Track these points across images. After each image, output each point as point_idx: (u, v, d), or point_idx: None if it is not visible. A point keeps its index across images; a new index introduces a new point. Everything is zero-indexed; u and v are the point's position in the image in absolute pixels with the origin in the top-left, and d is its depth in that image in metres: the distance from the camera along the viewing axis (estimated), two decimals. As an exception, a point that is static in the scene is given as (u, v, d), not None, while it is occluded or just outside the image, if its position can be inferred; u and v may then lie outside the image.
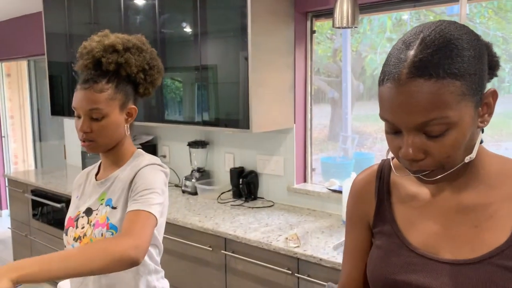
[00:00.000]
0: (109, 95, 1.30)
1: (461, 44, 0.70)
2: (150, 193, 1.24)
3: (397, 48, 0.74)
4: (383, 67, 0.76)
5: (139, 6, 2.98)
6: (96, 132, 1.29)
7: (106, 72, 1.32)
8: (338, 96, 3.44)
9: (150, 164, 1.32)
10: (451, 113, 0.70)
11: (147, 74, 1.38)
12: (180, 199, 2.96)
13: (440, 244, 0.81)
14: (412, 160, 0.74)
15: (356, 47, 3.47)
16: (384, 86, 0.74)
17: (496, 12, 2.65)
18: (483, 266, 0.76)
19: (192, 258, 2.47)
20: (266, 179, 2.86)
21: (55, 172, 4.11)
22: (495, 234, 0.77)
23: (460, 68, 0.69)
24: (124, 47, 1.34)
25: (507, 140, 2.63)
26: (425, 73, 0.69)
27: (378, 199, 0.92)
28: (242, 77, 2.44)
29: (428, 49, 0.70)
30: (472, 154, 0.76)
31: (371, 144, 3.63)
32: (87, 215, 1.34)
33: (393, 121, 0.74)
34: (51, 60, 3.72)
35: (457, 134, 0.71)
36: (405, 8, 2.39)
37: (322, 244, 2.07)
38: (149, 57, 1.39)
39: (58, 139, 4.96)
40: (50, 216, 3.59)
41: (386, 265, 0.85)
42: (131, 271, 1.31)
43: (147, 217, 1.19)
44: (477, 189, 0.81)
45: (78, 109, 1.30)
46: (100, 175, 1.42)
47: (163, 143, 3.49)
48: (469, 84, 0.70)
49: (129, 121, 1.37)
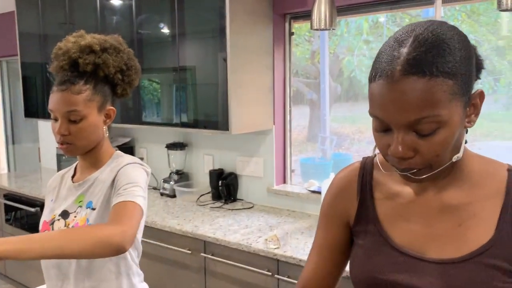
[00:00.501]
0: (87, 97, 1.27)
1: (453, 44, 0.71)
2: (133, 186, 1.22)
3: (389, 46, 0.73)
4: (374, 64, 0.75)
5: (115, 6, 2.94)
6: (74, 134, 1.26)
7: (83, 73, 1.30)
8: (316, 98, 3.46)
9: (132, 163, 1.31)
10: (442, 111, 0.70)
11: (125, 75, 1.37)
12: (158, 202, 2.92)
13: (425, 243, 0.81)
14: (401, 158, 0.74)
15: (333, 49, 3.51)
16: (376, 83, 0.73)
17: (469, 16, 2.72)
18: (468, 264, 0.76)
19: (171, 262, 2.44)
20: (246, 180, 2.86)
21: (29, 176, 4.01)
22: (479, 233, 0.78)
23: (453, 67, 0.70)
24: (101, 48, 1.32)
25: (480, 140, 2.70)
26: (419, 71, 0.69)
27: (361, 197, 0.91)
28: (221, 78, 2.43)
29: (421, 47, 0.70)
30: (459, 154, 0.77)
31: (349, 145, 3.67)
32: (63, 218, 1.31)
33: (384, 118, 0.73)
34: (24, 61, 3.63)
35: (447, 133, 0.72)
36: (382, 10, 2.42)
37: (302, 245, 2.08)
38: (126, 58, 1.38)
39: (32, 142, 4.85)
40: (24, 220, 3.50)
41: (370, 265, 0.85)
42: (115, 272, 1.29)
43: (133, 207, 1.17)
44: (460, 188, 0.82)
45: (55, 112, 1.27)
46: (77, 177, 1.38)
47: (140, 145, 3.44)
48: (460, 83, 0.71)
49: (107, 122, 1.35)
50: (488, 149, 2.67)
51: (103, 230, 1.06)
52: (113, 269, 1.29)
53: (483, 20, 2.69)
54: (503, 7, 1.71)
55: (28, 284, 3.44)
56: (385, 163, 0.86)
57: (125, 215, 1.14)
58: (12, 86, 5.31)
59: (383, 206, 0.88)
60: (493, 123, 2.70)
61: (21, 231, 3.50)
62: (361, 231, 0.90)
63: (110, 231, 1.07)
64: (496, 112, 2.70)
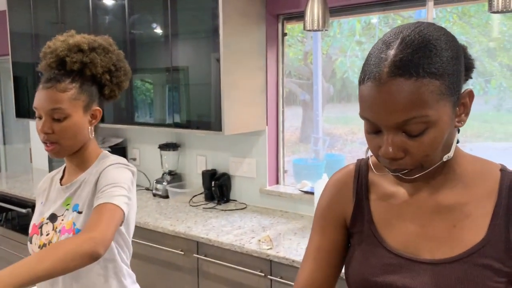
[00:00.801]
0: (72, 95, 1.26)
1: (439, 45, 0.72)
2: (113, 187, 1.20)
3: (378, 48, 0.74)
4: (363, 67, 0.76)
5: (108, 6, 2.93)
6: (58, 133, 1.24)
7: (70, 71, 1.28)
8: (309, 99, 3.47)
9: (114, 164, 1.29)
10: (430, 112, 0.71)
11: (113, 76, 1.35)
12: (151, 203, 2.91)
13: (419, 244, 0.82)
14: (392, 159, 0.75)
15: (326, 50, 3.52)
16: (365, 85, 0.74)
17: (460, 17, 2.74)
18: (461, 264, 0.77)
19: (164, 263, 2.44)
20: (239, 181, 2.86)
21: (20, 176, 3.97)
22: (472, 233, 0.79)
23: (439, 68, 0.71)
24: (89, 47, 1.31)
25: (471, 141, 2.72)
26: (405, 72, 0.70)
27: (357, 199, 0.91)
28: (214, 78, 2.43)
29: (408, 48, 0.71)
30: (450, 153, 0.78)
31: (342, 146, 3.68)
32: (51, 221, 1.30)
33: (373, 119, 0.74)
34: (15, 60, 3.60)
35: (436, 133, 0.72)
36: (374, 12, 2.43)
37: (295, 245, 2.08)
38: (115, 59, 1.36)
39: (23, 142, 4.81)
40: (15, 222, 3.47)
41: (364, 267, 0.85)
42: (104, 275, 1.28)
43: (110, 209, 1.15)
44: (454, 189, 0.82)
45: (39, 109, 1.25)
46: (65, 180, 1.37)
47: (133, 145, 3.43)
48: (447, 84, 0.71)
49: (93, 123, 1.33)
50: (479, 150, 2.69)
51: (72, 241, 1.05)
52: (101, 272, 1.28)
53: (474, 22, 2.71)
54: (494, 9, 1.73)
55: None
56: (378, 165, 0.86)
57: (100, 220, 1.12)
58: (3, 86, 5.26)
59: (377, 207, 0.89)
60: (484, 124, 2.72)
61: (13, 232, 3.47)
62: (356, 232, 0.90)
63: (79, 241, 1.05)
64: (487, 113, 2.72)
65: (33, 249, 1.30)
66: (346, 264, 0.91)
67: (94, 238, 1.06)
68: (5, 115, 5.36)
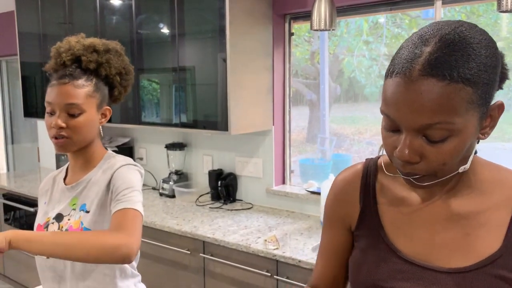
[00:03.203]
0: (88, 92, 1.28)
1: (479, 50, 0.67)
2: (132, 191, 1.23)
3: (412, 42, 0.69)
4: (393, 59, 0.71)
5: (115, 6, 2.94)
6: (71, 128, 1.26)
7: (85, 70, 1.31)
8: (316, 98, 3.46)
9: (126, 164, 1.30)
10: (457, 119, 0.66)
11: (123, 78, 1.39)
12: (157, 202, 2.92)
13: (431, 252, 0.79)
14: (406, 162, 0.71)
15: (333, 50, 3.51)
16: (393, 79, 0.69)
17: (469, 17, 2.72)
18: (475, 275, 0.74)
19: (170, 262, 2.44)
20: (245, 181, 2.85)
21: (28, 176, 4.00)
22: (487, 243, 0.76)
23: (475, 74, 0.66)
24: (104, 49, 1.34)
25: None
26: (438, 73, 0.65)
27: (363, 201, 0.88)
28: (220, 78, 2.43)
29: (445, 48, 0.66)
30: (467, 165, 0.74)
31: (349, 146, 3.66)
32: (57, 221, 1.30)
33: (396, 118, 0.69)
34: (24, 60, 3.63)
35: (458, 142, 0.68)
36: (382, 11, 2.42)
37: (301, 245, 2.08)
38: (126, 62, 1.41)
39: (31, 142, 4.85)
40: (23, 220, 3.49)
41: (374, 272, 0.82)
42: (109, 276, 1.29)
43: (134, 215, 1.18)
44: (469, 197, 0.79)
45: (54, 104, 1.26)
46: (70, 179, 1.37)
47: (140, 145, 3.44)
48: (480, 93, 0.67)
49: (102, 122, 1.36)
50: (488, 150, 2.66)
51: (112, 239, 1.09)
52: (108, 272, 1.29)
53: (483, 21, 2.68)
54: (503, 8, 1.71)
55: (27, 284, 3.44)
56: (390, 166, 0.83)
57: (128, 225, 1.15)
58: (11, 85, 5.30)
59: (387, 212, 0.85)
60: (493, 124, 2.69)
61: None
62: (362, 235, 0.87)
63: (118, 240, 1.09)
64: (495, 113, 2.69)
65: None
66: (350, 266, 0.89)
67: (132, 244, 1.11)
68: (14, 114, 5.40)
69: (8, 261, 3.67)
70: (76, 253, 1.05)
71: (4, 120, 5.52)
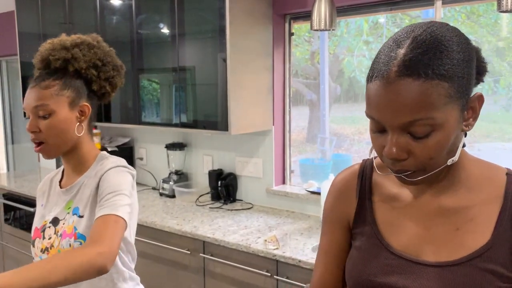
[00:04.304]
0: (55, 91, 1.25)
1: (451, 46, 0.70)
2: (116, 195, 1.19)
3: (388, 46, 0.73)
4: (372, 64, 0.75)
5: (115, 6, 2.94)
6: (45, 131, 1.23)
7: (54, 70, 1.29)
8: (316, 98, 3.46)
9: (115, 167, 1.27)
10: (437, 114, 0.69)
11: (101, 71, 1.33)
12: (157, 202, 2.92)
13: (421, 246, 0.81)
14: (395, 160, 0.74)
15: (333, 50, 3.51)
16: (372, 83, 0.73)
17: (469, 16, 2.72)
18: (463, 268, 0.76)
19: (170, 262, 2.44)
20: (245, 181, 2.85)
21: (28, 176, 4.00)
22: (476, 237, 0.78)
23: (449, 70, 0.69)
24: (72, 44, 1.30)
25: (480, 142, 2.70)
26: (414, 73, 0.68)
27: (360, 199, 0.90)
28: (220, 78, 2.43)
29: (418, 48, 0.69)
30: (455, 157, 0.76)
31: (349, 146, 3.67)
32: (53, 225, 1.29)
33: (379, 119, 0.73)
34: (24, 60, 3.63)
35: (441, 136, 0.71)
36: (382, 11, 2.42)
37: (301, 245, 2.08)
38: (101, 54, 1.34)
39: (31, 142, 4.84)
40: (23, 220, 3.49)
41: (365, 267, 0.84)
42: (105, 279, 1.27)
43: (115, 221, 1.15)
44: (458, 192, 0.81)
45: (25, 109, 1.26)
46: (64, 182, 1.36)
47: (140, 145, 3.44)
48: (456, 86, 0.70)
49: (82, 120, 1.30)
50: (488, 150, 2.67)
51: (85, 254, 1.05)
52: (105, 276, 1.26)
53: (483, 21, 2.69)
54: (503, 8, 1.71)
55: None
56: (382, 165, 0.85)
57: (106, 233, 1.12)
58: (11, 85, 5.30)
59: (381, 208, 0.88)
60: (493, 124, 2.70)
61: (20, 230, 3.49)
62: (358, 233, 0.89)
63: (89, 254, 1.05)
64: (495, 113, 2.70)
65: (36, 253, 1.30)
66: (347, 264, 0.90)
67: (104, 254, 1.07)
68: (13, 114, 5.40)
69: (8, 261, 3.67)
70: (52, 278, 1.00)
71: (4, 120, 5.52)
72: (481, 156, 0.88)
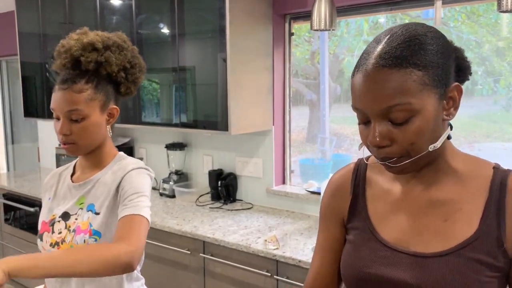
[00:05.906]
0: (88, 96, 1.25)
1: (424, 40, 0.77)
2: (139, 196, 1.22)
3: (369, 45, 0.81)
4: (356, 63, 0.81)
5: (115, 6, 2.94)
6: (76, 134, 1.25)
7: (85, 71, 1.28)
8: (316, 98, 3.46)
9: (137, 168, 1.29)
10: (413, 100, 0.75)
11: (129, 73, 1.34)
12: (157, 202, 2.92)
13: (411, 238, 0.84)
14: (378, 147, 0.79)
15: (333, 50, 3.51)
16: (355, 77, 0.80)
17: (469, 17, 2.72)
18: (452, 257, 0.79)
19: (170, 262, 2.44)
20: (245, 181, 2.85)
21: (28, 175, 4.00)
22: (464, 227, 0.81)
23: (423, 59, 0.76)
24: (104, 45, 1.29)
25: (480, 141, 2.70)
26: (389, 63, 0.75)
27: (354, 195, 0.94)
28: (220, 78, 2.43)
29: (393, 42, 0.77)
30: (437, 144, 0.79)
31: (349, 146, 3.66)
32: (64, 220, 1.29)
33: (361, 108, 0.79)
34: (24, 60, 3.63)
35: (420, 121, 0.76)
36: (382, 11, 2.42)
37: (301, 245, 2.08)
38: (130, 55, 1.34)
39: (31, 142, 4.85)
40: (23, 220, 3.49)
41: (357, 259, 0.88)
42: (116, 278, 1.28)
43: (140, 221, 1.17)
44: (447, 185, 0.85)
45: (56, 111, 1.25)
46: (77, 177, 1.36)
47: (140, 145, 3.44)
48: (431, 75, 0.76)
49: (110, 122, 1.32)
50: (488, 150, 2.67)
51: (112, 250, 1.07)
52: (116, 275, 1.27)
53: (483, 21, 2.68)
54: (503, 8, 1.71)
55: (27, 284, 3.44)
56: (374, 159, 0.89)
57: (132, 232, 1.14)
58: (11, 85, 5.31)
59: (373, 203, 0.92)
60: (493, 124, 2.70)
61: (20, 231, 3.50)
62: (352, 227, 0.93)
63: (118, 250, 1.07)
64: (495, 113, 2.69)
65: (44, 247, 1.30)
66: (343, 258, 0.93)
67: (131, 252, 1.09)
68: (14, 114, 5.41)
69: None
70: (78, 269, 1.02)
71: (4, 120, 5.52)
72: (481, 156, 0.90)
